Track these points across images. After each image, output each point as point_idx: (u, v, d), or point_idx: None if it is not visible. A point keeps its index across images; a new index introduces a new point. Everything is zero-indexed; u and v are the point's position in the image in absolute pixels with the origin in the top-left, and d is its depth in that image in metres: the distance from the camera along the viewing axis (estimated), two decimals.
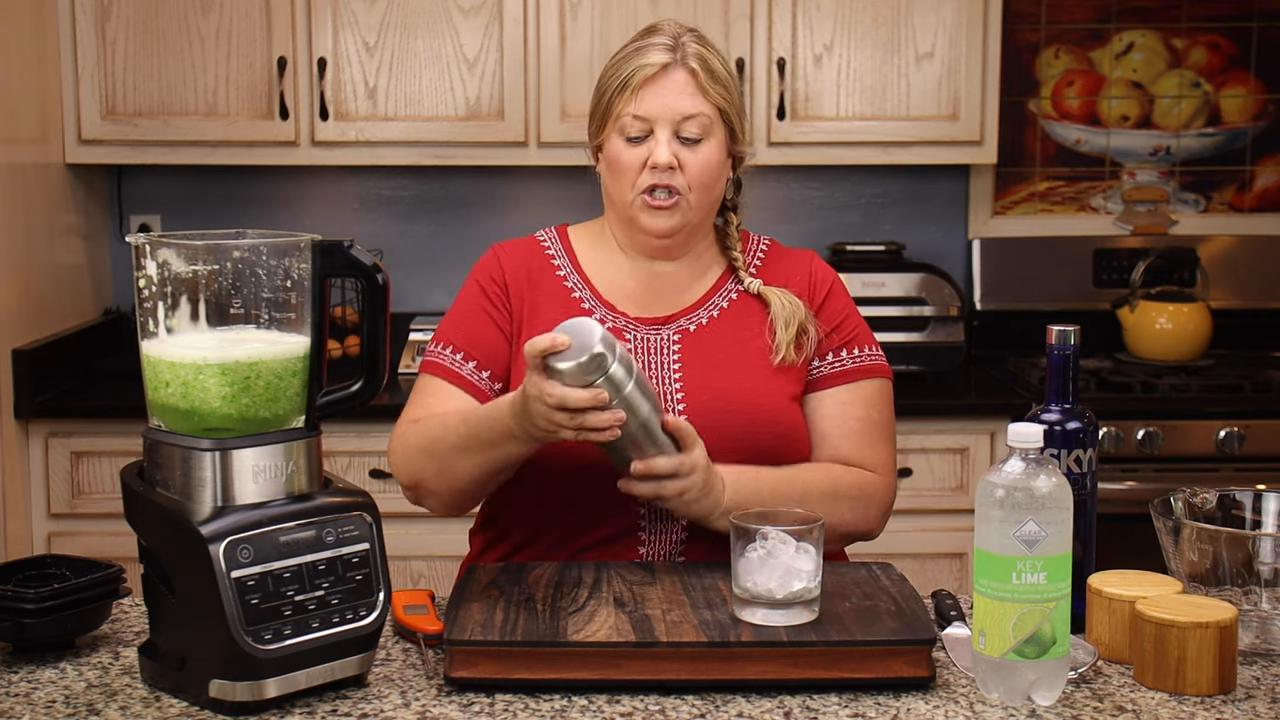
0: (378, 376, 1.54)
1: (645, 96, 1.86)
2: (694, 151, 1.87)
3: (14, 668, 1.58)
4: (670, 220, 1.88)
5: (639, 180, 1.87)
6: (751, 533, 1.56)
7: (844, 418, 1.93)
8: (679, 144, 1.86)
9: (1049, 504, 1.45)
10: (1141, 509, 1.78)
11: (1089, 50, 3.83)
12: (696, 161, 1.87)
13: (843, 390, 1.94)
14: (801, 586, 1.55)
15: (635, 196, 1.88)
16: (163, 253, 1.46)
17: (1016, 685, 1.46)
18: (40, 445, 3.23)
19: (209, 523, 1.42)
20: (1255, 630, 1.61)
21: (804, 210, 3.85)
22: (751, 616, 1.55)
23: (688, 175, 1.86)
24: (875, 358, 1.97)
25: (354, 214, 3.82)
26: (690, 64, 1.87)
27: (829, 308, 1.97)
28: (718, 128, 1.88)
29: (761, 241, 2.03)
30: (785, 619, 1.54)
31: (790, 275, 1.98)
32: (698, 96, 1.86)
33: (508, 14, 3.42)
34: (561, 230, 2.02)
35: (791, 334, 1.91)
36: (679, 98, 1.86)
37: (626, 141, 1.88)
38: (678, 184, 1.86)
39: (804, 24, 3.46)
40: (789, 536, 1.56)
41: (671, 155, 1.85)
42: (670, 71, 1.87)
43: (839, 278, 2.02)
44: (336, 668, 1.48)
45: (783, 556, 1.55)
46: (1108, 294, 3.76)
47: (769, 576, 1.55)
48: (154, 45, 3.41)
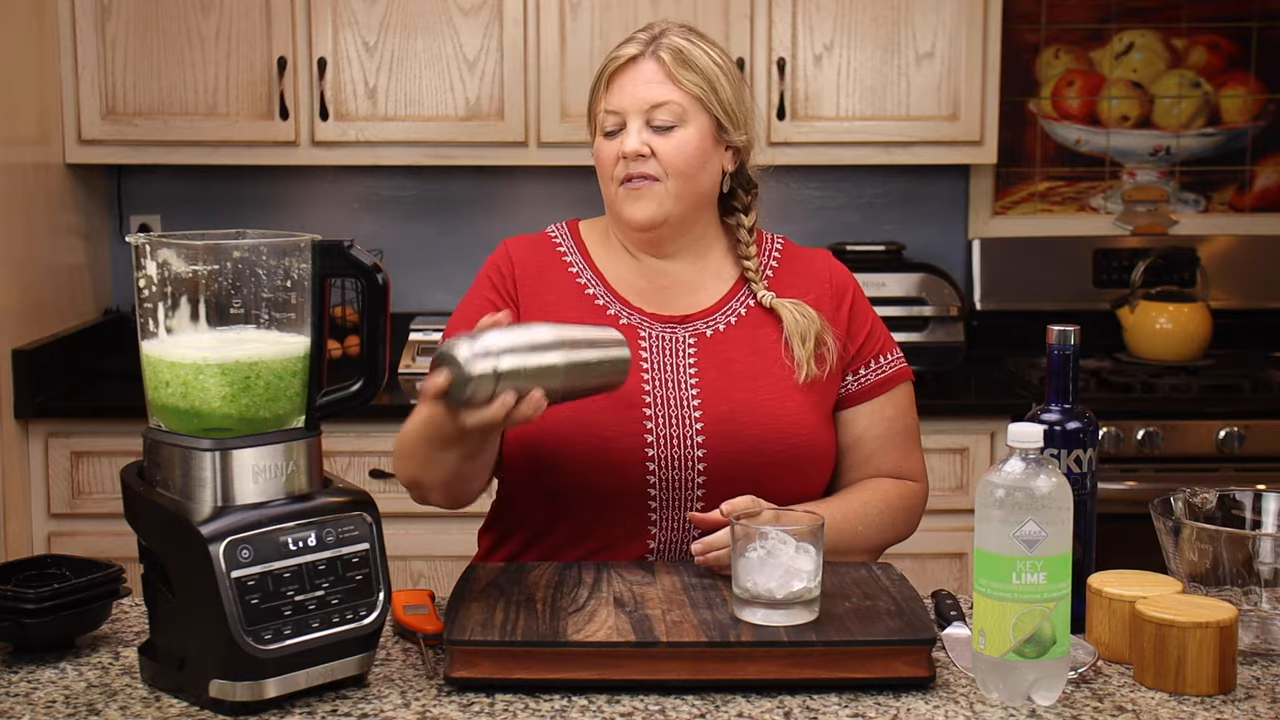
0: (378, 376, 1.54)
1: (615, 89, 1.87)
2: (667, 138, 1.85)
3: (14, 668, 1.58)
4: (648, 207, 1.86)
5: (615, 171, 1.87)
6: (752, 533, 1.56)
7: (887, 432, 1.94)
8: (651, 132, 1.85)
9: (1049, 504, 1.45)
10: (1141, 509, 1.78)
11: (1089, 50, 3.84)
12: (670, 147, 1.85)
13: (883, 401, 1.95)
14: (802, 586, 1.55)
15: (616, 189, 1.88)
16: (163, 253, 1.46)
17: (1016, 685, 1.46)
18: (40, 445, 3.23)
19: (209, 523, 1.42)
20: (1255, 630, 1.61)
21: (804, 210, 3.85)
22: (752, 616, 1.55)
23: (662, 161, 1.85)
24: (900, 361, 1.98)
25: (354, 214, 3.82)
26: (660, 54, 1.86)
27: (857, 314, 1.96)
28: (696, 115, 1.86)
29: (776, 242, 2.01)
30: (785, 619, 1.54)
31: (808, 278, 1.96)
32: (667, 84, 1.85)
33: (508, 14, 3.42)
34: (573, 225, 2.02)
35: (810, 349, 1.89)
36: (647, 86, 1.85)
37: (604, 136, 1.88)
38: (651, 170, 1.85)
39: (804, 24, 3.46)
40: (789, 537, 1.56)
41: (642, 143, 1.84)
42: (639, 62, 1.87)
43: (856, 279, 2.01)
44: (336, 668, 1.48)
45: (783, 557, 1.55)
46: (1108, 294, 3.76)
47: (769, 576, 1.55)
48: (154, 45, 3.42)
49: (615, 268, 1.95)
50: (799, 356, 1.89)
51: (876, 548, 1.90)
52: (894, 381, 1.96)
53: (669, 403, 1.86)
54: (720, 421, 1.85)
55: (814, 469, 1.89)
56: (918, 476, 1.97)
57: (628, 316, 1.92)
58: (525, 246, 1.98)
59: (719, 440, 1.83)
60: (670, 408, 1.86)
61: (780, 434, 1.85)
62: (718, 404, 1.86)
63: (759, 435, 1.84)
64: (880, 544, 1.91)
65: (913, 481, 1.96)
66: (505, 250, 1.98)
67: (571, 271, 1.95)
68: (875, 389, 1.95)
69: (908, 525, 1.94)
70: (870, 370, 1.95)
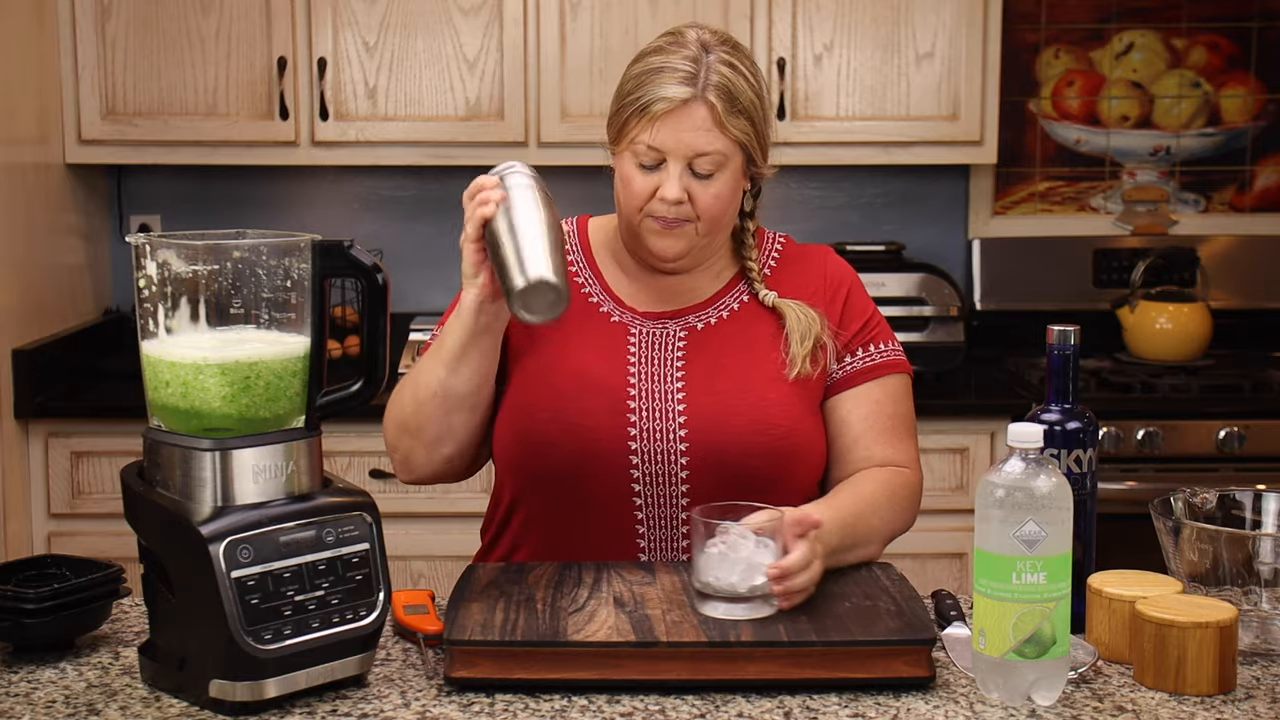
0: (378, 376, 1.54)
1: (661, 129, 1.82)
2: (705, 186, 1.83)
3: (14, 668, 1.58)
4: (677, 245, 1.86)
5: (648, 206, 1.85)
6: (713, 528, 1.58)
7: (876, 415, 1.91)
8: (691, 177, 1.83)
9: (1049, 504, 1.45)
10: (1141, 509, 1.78)
11: (1089, 50, 3.84)
12: (708, 196, 1.84)
13: (871, 386, 1.92)
14: (763, 580, 1.57)
15: (642, 219, 1.86)
16: (163, 253, 1.46)
17: (1016, 685, 1.46)
18: (40, 445, 3.23)
19: (209, 523, 1.42)
20: (1255, 630, 1.61)
21: (804, 210, 3.85)
22: (713, 611, 1.56)
23: (698, 207, 1.84)
24: (897, 353, 1.96)
25: (354, 214, 3.82)
26: (709, 97, 1.81)
27: (851, 306, 1.95)
28: (734, 159, 1.84)
29: (776, 239, 2.01)
30: (746, 613, 1.56)
31: (806, 275, 1.96)
32: (714, 132, 1.82)
33: (508, 14, 3.42)
34: (582, 222, 2.01)
35: (808, 348, 1.88)
36: (695, 134, 1.81)
37: (639, 167, 1.85)
38: (685, 214, 1.84)
39: (804, 24, 3.46)
40: (749, 532, 1.58)
41: (682, 190, 1.82)
42: (690, 106, 1.81)
43: (856, 274, 2.00)
44: (336, 668, 1.48)
45: (744, 551, 1.57)
46: (1108, 294, 3.76)
47: (731, 571, 1.57)
48: (154, 45, 3.42)
49: (616, 269, 1.96)
50: (795, 354, 1.88)
51: (887, 538, 1.87)
52: (883, 370, 1.93)
53: (654, 396, 1.86)
54: (703, 414, 1.84)
55: (800, 463, 1.88)
56: (909, 464, 1.93)
57: (620, 315, 1.92)
58: None
59: (701, 433, 1.83)
60: (655, 400, 1.85)
61: (763, 426, 1.84)
62: (701, 396, 1.86)
63: (741, 427, 1.84)
64: (890, 534, 1.87)
65: (906, 469, 1.93)
66: None
67: (571, 269, 1.95)
68: (862, 375, 1.92)
69: (910, 513, 1.91)
70: (858, 358, 1.93)
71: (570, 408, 1.84)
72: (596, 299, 1.94)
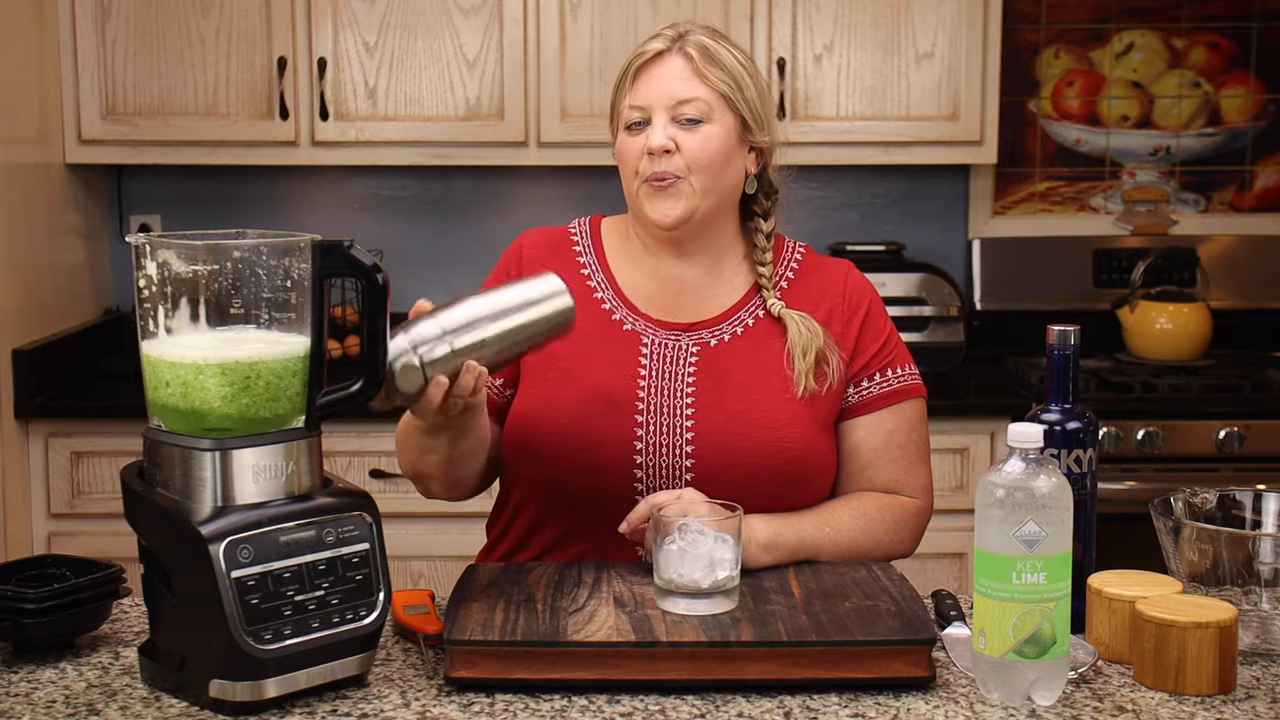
0: (378, 376, 1.54)
1: (640, 84, 1.85)
2: (692, 133, 1.83)
3: (14, 668, 1.58)
4: (674, 207, 1.84)
5: (640, 167, 1.84)
6: (671, 525, 1.59)
7: (888, 444, 1.90)
8: (676, 128, 1.83)
9: (1049, 504, 1.45)
10: (1141, 509, 1.78)
11: (1089, 50, 3.84)
12: (694, 142, 1.83)
13: (885, 415, 1.90)
14: (725, 575, 1.58)
15: (638, 185, 1.85)
16: (163, 253, 1.46)
17: (1016, 685, 1.46)
18: (40, 445, 3.23)
19: (209, 523, 1.42)
20: (1255, 630, 1.61)
21: (804, 210, 3.85)
22: (674, 607, 1.57)
23: (686, 156, 1.83)
24: (913, 377, 1.94)
25: (354, 214, 3.82)
26: (688, 50, 1.85)
27: (870, 327, 1.93)
28: (722, 113, 1.84)
29: (796, 249, 1.98)
30: (708, 608, 1.56)
31: (824, 290, 1.93)
32: (694, 80, 1.84)
33: (508, 14, 3.42)
34: (595, 222, 1.99)
35: (810, 363, 1.86)
36: (674, 82, 1.84)
37: (628, 132, 1.86)
38: (675, 168, 1.82)
39: (804, 24, 3.46)
40: (707, 527, 1.59)
41: (667, 138, 1.82)
42: (666, 57, 1.85)
43: (876, 293, 1.98)
44: (336, 668, 1.48)
45: (703, 547, 1.58)
46: (1108, 294, 3.76)
47: (693, 567, 1.57)
48: (154, 45, 3.42)
49: (628, 270, 1.94)
50: (799, 370, 1.86)
51: (851, 554, 1.83)
52: (900, 396, 1.92)
53: (662, 410, 1.85)
54: (712, 432, 1.83)
55: (809, 485, 1.86)
56: (915, 493, 1.91)
57: (633, 322, 1.90)
58: (541, 242, 1.97)
59: (709, 450, 1.82)
60: (663, 415, 1.85)
61: (773, 448, 1.82)
62: (711, 415, 1.84)
63: (750, 448, 1.82)
64: (855, 550, 1.83)
65: (906, 497, 1.91)
66: (519, 245, 1.97)
67: (584, 273, 1.94)
68: (878, 401, 1.91)
69: (890, 537, 1.87)
70: (875, 383, 1.91)
71: (578, 419, 1.83)
72: (609, 305, 1.92)
